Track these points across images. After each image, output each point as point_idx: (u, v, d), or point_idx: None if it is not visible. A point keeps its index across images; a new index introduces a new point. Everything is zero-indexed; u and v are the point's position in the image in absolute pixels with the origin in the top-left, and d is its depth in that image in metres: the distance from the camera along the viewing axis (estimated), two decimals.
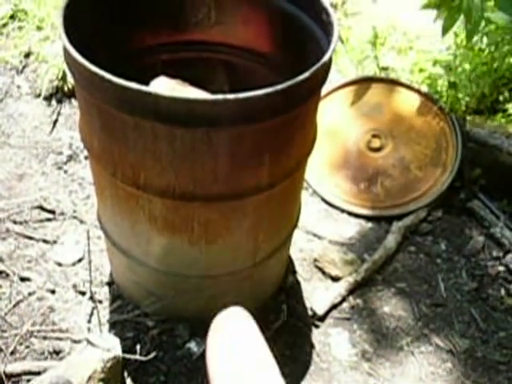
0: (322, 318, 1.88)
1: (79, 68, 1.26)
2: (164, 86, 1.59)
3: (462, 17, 2.10)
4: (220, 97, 1.15)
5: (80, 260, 1.99)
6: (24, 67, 2.53)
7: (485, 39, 2.47)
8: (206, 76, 1.79)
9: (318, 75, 1.29)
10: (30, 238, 2.03)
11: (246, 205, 1.43)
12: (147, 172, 1.34)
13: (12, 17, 2.70)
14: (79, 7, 1.43)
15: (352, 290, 1.96)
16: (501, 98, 2.52)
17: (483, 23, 2.46)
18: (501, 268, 2.10)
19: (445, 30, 2.18)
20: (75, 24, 1.36)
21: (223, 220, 1.45)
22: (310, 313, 1.88)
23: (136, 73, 1.68)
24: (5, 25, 2.67)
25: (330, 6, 1.46)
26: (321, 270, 2.02)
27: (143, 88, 1.16)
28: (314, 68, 1.25)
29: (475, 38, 2.55)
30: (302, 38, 1.56)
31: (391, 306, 1.95)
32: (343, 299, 1.94)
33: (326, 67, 1.33)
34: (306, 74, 1.23)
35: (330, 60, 1.32)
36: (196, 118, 1.18)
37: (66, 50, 1.30)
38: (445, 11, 2.13)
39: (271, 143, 1.32)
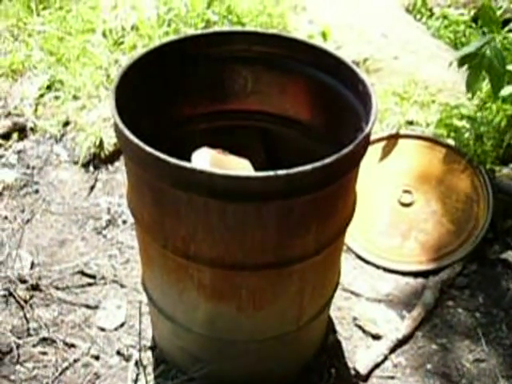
0: (366, 378, 1.88)
1: (133, 147, 1.32)
2: (206, 157, 1.66)
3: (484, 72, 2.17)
4: (271, 173, 1.20)
5: (122, 325, 2.02)
6: (62, 135, 2.63)
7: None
8: (244, 143, 1.86)
9: (361, 147, 1.34)
10: (73, 303, 2.07)
11: (293, 272, 1.47)
12: (198, 243, 1.38)
13: (49, 87, 2.81)
14: (127, 85, 1.51)
15: (393, 348, 1.96)
16: None
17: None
18: None
19: (469, 87, 2.24)
20: (122, 98, 1.44)
21: (270, 287, 1.49)
22: (352, 372, 1.88)
23: (177, 141, 1.76)
24: (42, 95, 2.78)
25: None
26: (361, 328, 2.03)
27: (198, 167, 1.22)
28: (357, 141, 1.30)
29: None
30: (338, 106, 1.63)
31: (434, 363, 1.94)
32: (385, 358, 1.94)
33: (367, 138, 1.38)
34: (350, 147, 1.28)
35: (370, 131, 1.37)
36: (248, 193, 1.23)
37: (118, 130, 1.37)
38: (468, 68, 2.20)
39: (317, 213, 1.36)
